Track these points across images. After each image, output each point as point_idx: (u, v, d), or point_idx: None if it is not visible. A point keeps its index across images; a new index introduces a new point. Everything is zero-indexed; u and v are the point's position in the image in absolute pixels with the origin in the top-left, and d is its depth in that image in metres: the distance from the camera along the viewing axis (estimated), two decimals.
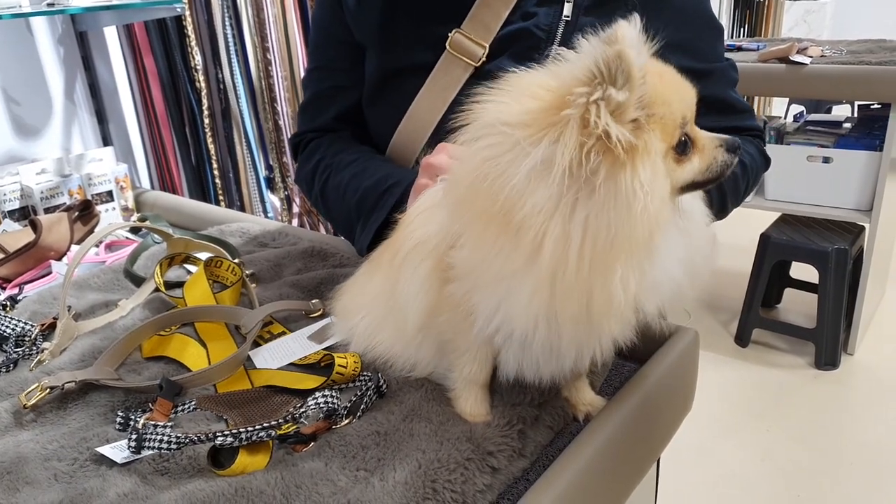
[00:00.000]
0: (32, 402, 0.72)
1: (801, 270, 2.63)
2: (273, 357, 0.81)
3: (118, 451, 0.65)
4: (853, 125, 2.48)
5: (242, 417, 0.70)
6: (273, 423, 0.64)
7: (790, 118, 2.80)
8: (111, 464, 0.65)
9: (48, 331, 0.89)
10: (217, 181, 1.97)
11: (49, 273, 1.10)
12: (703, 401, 0.83)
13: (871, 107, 2.51)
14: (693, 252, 0.59)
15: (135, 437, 0.63)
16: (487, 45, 0.90)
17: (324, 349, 0.80)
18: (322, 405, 0.66)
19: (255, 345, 0.83)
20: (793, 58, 2.26)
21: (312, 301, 0.90)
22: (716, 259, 0.63)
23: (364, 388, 0.70)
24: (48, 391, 0.73)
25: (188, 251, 1.00)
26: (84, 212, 1.23)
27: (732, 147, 0.59)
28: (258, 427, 0.63)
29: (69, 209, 1.21)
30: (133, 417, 0.68)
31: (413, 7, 0.93)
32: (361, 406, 0.69)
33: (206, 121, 1.90)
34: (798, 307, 2.74)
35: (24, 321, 0.89)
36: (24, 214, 1.35)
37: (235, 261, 0.98)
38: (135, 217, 1.42)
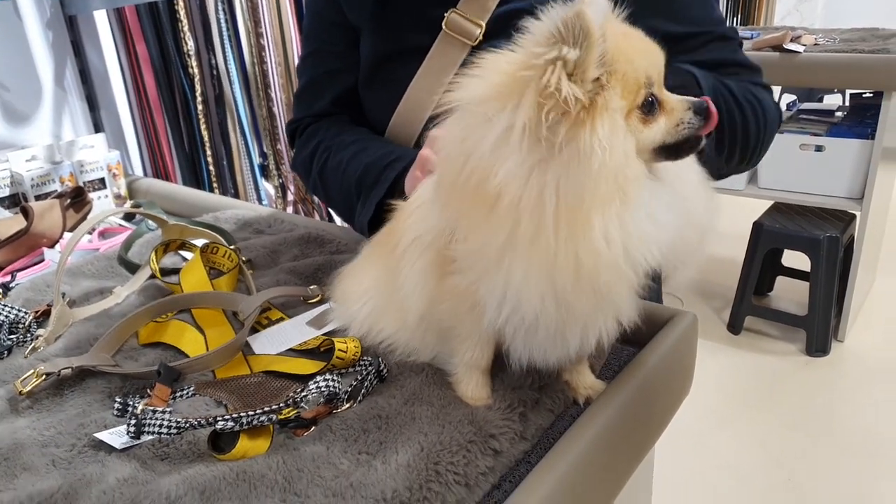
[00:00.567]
0: (28, 389, 0.72)
1: (793, 259, 2.64)
2: (271, 343, 0.80)
3: (116, 437, 0.65)
4: (845, 114, 2.49)
5: (242, 402, 0.69)
6: (274, 408, 0.64)
7: (783, 107, 2.80)
8: (110, 449, 0.64)
9: (42, 318, 0.88)
10: (211, 168, 1.95)
11: (41, 260, 1.08)
12: (697, 387, 0.84)
13: (864, 95, 2.52)
14: (686, 202, 0.59)
15: (134, 423, 0.62)
16: (484, 24, 0.89)
17: (323, 334, 0.80)
18: (323, 389, 0.65)
19: (254, 331, 0.83)
20: (787, 46, 2.26)
21: (310, 287, 0.90)
22: (718, 213, 0.62)
23: (365, 373, 0.70)
24: (44, 377, 0.73)
25: (184, 237, 0.99)
26: (76, 199, 1.21)
27: (700, 109, 0.58)
28: (259, 411, 0.63)
29: (61, 196, 1.20)
30: (131, 403, 0.68)
31: None
32: (362, 390, 0.69)
33: (200, 107, 1.88)
34: (790, 295, 2.76)
35: (18, 308, 0.88)
36: (15, 202, 1.33)
37: (232, 247, 0.97)
38: (128, 204, 1.41)
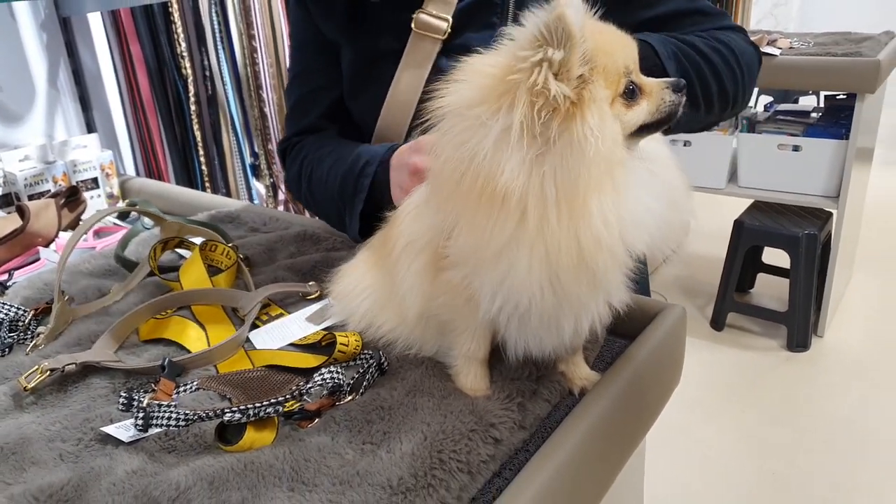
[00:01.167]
0: (32, 385, 0.72)
1: (773, 256, 2.69)
2: (272, 338, 0.82)
3: (123, 431, 0.66)
4: (820, 115, 2.54)
5: (246, 396, 0.70)
6: (280, 399, 0.66)
7: (761, 108, 2.86)
8: (116, 443, 0.65)
9: (41, 315, 0.89)
10: (203, 168, 1.96)
11: (37, 259, 1.09)
12: (682, 382, 0.87)
13: (837, 97, 2.58)
14: (668, 188, 0.63)
15: (142, 415, 0.64)
16: (450, 18, 0.93)
17: (323, 329, 0.81)
18: (328, 380, 0.67)
19: (254, 327, 0.84)
20: (763, 49, 2.31)
21: (309, 283, 0.91)
22: (691, 197, 0.66)
23: (366, 366, 0.72)
24: (48, 373, 0.73)
25: (182, 235, 1.00)
26: (71, 198, 1.21)
27: (678, 87, 0.63)
28: (265, 403, 0.64)
29: (56, 195, 1.20)
30: (136, 398, 0.69)
31: (374, 1, 0.95)
32: (364, 383, 0.70)
33: (193, 107, 1.89)
34: (770, 291, 2.81)
35: (17, 306, 0.89)
36: (8, 201, 1.33)
37: (230, 245, 0.98)
38: (121, 203, 1.41)
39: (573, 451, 0.64)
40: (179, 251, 1.05)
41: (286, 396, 0.66)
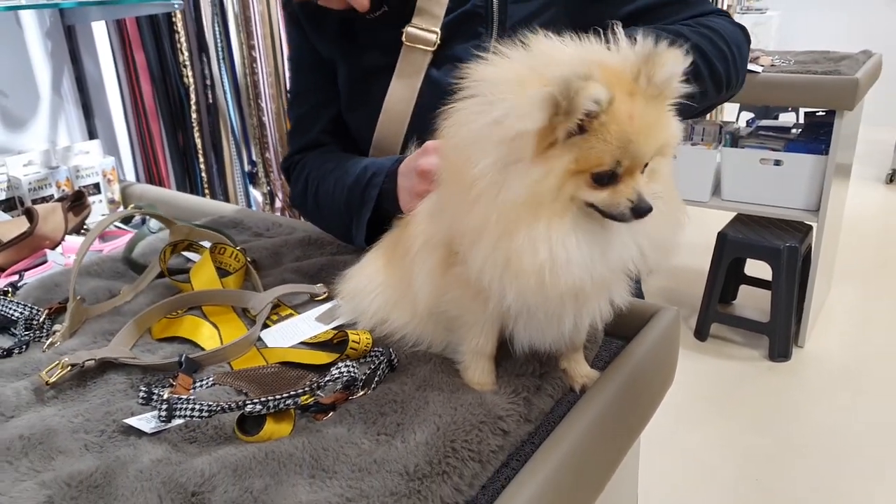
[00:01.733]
0: (54, 379, 0.74)
1: (755, 269, 2.76)
2: (283, 337, 0.84)
3: (145, 423, 0.68)
4: (800, 131, 2.62)
5: (262, 391, 0.73)
6: (298, 392, 0.68)
7: (743, 123, 2.93)
8: (139, 434, 0.67)
9: (55, 315, 0.91)
10: (203, 175, 1.98)
11: (44, 262, 1.10)
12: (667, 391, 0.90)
13: (817, 114, 2.66)
14: (642, 237, 0.64)
15: (166, 407, 0.66)
16: (438, 30, 0.96)
17: (332, 328, 0.84)
18: (344, 374, 0.70)
19: (264, 326, 0.87)
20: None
21: (317, 285, 0.94)
22: (682, 227, 0.67)
23: (377, 362, 0.75)
24: (69, 368, 0.75)
25: (191, 238, 1.03)
26: (76, 202, 1.23)
27: (640, 212, 0.60)
28: (284, 395, 0.67)
29: (62, 199, 1.22)
30: (156, 392, 0.71)
31: (365, 18, 0.99)
32: (375, 378, 0.73)
33: (194, 115, 1.92)
34: (752, 303, 2.88)
35: (31, 305, 0.91)
36: (11, 205, 1.35)
37: (238, 247, 1.01)
38: (130, 207, 1.43)
39: (576, 444, 0.67)
40: (186, 254, 1.07)
41: (305, 389, 0.69)
